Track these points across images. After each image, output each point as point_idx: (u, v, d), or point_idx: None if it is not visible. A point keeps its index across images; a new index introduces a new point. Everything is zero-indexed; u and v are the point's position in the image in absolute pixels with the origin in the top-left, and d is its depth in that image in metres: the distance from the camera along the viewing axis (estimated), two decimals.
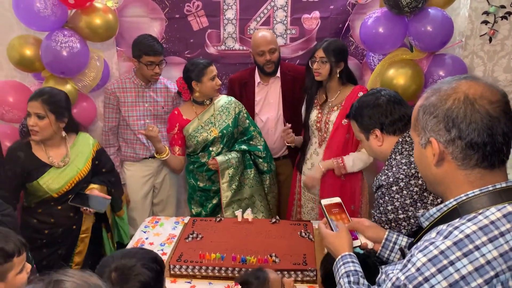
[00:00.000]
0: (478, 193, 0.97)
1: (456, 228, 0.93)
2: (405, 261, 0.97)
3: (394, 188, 1.61)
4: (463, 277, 0.87)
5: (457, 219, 0.96)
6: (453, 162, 1.00)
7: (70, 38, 2.74)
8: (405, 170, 1.61)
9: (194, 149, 2.76)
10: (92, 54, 2.94)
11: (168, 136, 2.84)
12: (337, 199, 1.56)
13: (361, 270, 1.32)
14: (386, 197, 1.63)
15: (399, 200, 1.60)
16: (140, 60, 2.84)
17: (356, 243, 1.48)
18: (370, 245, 1.52)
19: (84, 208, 2.32)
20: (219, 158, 2.69)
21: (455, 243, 0.90)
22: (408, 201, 1.59)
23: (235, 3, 3.12)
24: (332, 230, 1.49)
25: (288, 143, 2.75)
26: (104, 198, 2.39)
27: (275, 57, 2.85)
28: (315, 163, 2.69)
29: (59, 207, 2.34)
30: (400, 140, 1.69)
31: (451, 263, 0.89)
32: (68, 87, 2.89)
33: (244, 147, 2.78)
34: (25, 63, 2.85)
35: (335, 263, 1.38)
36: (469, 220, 0.93)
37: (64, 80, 2.88)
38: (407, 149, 1.67)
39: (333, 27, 3.11)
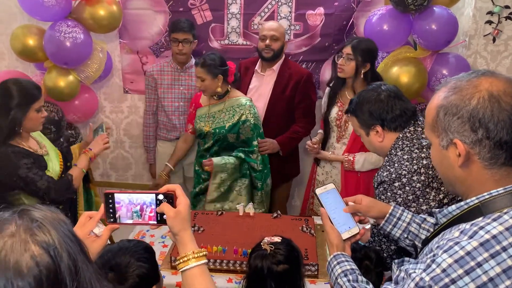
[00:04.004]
0: (502, 192, 0.95)
1: (481, 228, 0.91)
2: (428, 261, 0.94)
3: (396, 184, 1.61)
4: (491, 279, 0.86)
5: (481, 218, 0.94)
6: (479, 162, 0.97)
7: (73, 29, 2.74)
8: (408, 166, 1.61)
9: (196, 132, 2.84)
10: (95, 45, 2.93)
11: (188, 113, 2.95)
12: (331, 186, 1.47)
13: (357, 268, 1.31)
14: (388, 193, 1.63)
15: (402, 196, 1.60)
16: (170, 38, 2.97)
17: (354, 230, 1.40)
18: (371, 220, 1.48)
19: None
20: (216, 161, 2.68)
21: (481, 244, 0.88)
22: (410, 197, 1.59)
23: None
24: (331, 221, 1.41)
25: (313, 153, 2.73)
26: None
27: (276, 45, 2.81)
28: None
29: None
30: (401, 136, 1.69)
31: (479, 264, 0.87)
32: (70, 78, 2.90)
33: (241, 155, 2.74)
34: (28, 53, 2.85)
35: (328, 262, 1.36)
36: (494, 220, 0.92)
37: (66, 71, 2.88)
38: (408, 145, 1.67)
39: (337, 24, 3.11)
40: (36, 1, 2.63)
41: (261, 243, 1.53)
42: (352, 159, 2.55)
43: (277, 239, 1.56)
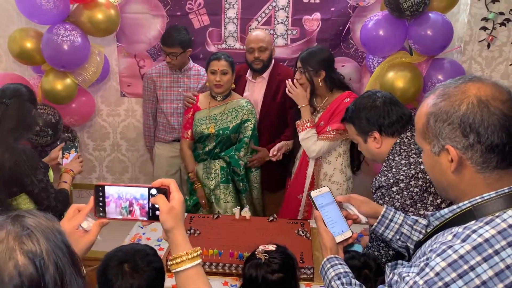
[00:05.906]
0: (494, 196, 0.96)
1: (474, 231, 0.92)
2: (422, 264, 0.95)
3: (394, 189, 1.63)
4: (484, 283, 0.87)
5: (473, 222, 0.95)
6: (472, 167, 0.98)
7: (71, 32, 2.74)
8: (405, 171, 1.63)
9: (194, 135, 2.83)
10: (92, 49, 2.94)
11: (184, 119, 2.91)
12: (326, 189, 1.47)
13: (350, 271, 1.31)
14: (386, 198, 1.64)
15: (400, 201, 1.62)
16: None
17: (347, 234, 1.41)
18: (363, 220, 1.48)
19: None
20: (200, 174, 2.75)
21: (474, 248, 0.89)
22: (408, 202, 1.61)
23: (236, 2, 3.13)
24: (325, 224, 1.41)
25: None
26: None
27: (265, 56, 2.80)
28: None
29: None
30: (398, 141, 1.71)
31: (472, 268, 0.88)
32: (67, 81, 2.90)
33: (227, 158, 2.74)
34: (25, 56, 2.85)
35: (321, 265, 1.36)
36: (486, 223, 0.93)
37: (64, 74, 2.88)
38: (406, 150, 1.69)
39: (333, 29, 3.14)
40: (34, 4, 2.63)
41: (256, 252, 1.53)
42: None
43: (272, 247, 1.55)
